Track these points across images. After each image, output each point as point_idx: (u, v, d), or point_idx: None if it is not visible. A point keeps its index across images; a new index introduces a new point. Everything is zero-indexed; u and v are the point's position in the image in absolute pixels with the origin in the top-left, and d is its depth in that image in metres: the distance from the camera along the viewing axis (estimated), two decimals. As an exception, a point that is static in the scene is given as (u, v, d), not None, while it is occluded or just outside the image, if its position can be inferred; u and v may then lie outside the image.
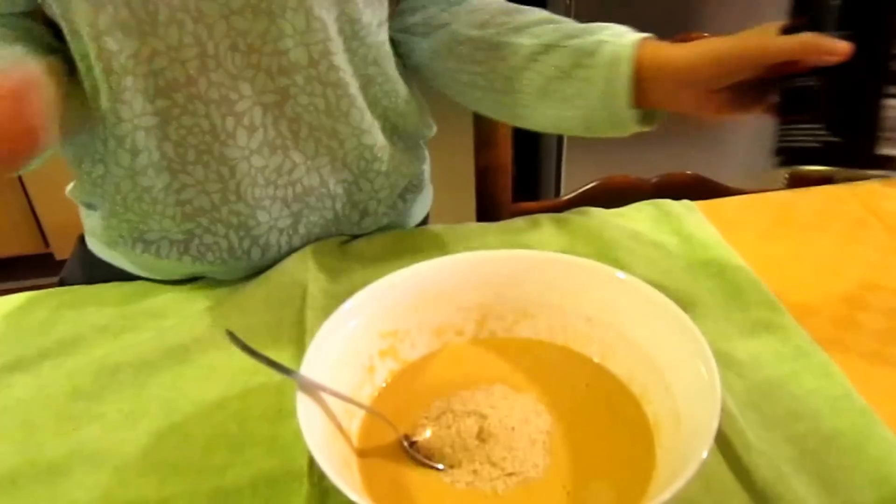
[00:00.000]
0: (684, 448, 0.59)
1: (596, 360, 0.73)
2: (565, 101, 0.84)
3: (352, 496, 0.52)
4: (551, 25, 0.87)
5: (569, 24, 0.87)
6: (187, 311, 0.86)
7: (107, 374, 0.79)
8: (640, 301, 0.70)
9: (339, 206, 0.97)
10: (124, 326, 0.85)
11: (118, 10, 0.76)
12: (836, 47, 0.69)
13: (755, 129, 2.04)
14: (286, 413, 0.73)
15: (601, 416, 0.68)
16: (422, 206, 1.12)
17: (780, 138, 0.76)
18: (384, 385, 0.71)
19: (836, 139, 0.73)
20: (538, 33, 0.86)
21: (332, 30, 0.85)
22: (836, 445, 0.69)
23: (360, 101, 0.92)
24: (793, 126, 0.75)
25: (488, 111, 0.95)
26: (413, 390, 0.71)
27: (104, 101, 0.82)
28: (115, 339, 0.84)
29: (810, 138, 0.74)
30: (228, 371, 0.79)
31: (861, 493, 0.65)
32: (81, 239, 1.05)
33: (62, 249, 2.41)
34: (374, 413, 0.67)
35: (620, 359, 0.71)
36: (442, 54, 0.93)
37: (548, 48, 0.85)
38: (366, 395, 0.69)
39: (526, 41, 0.86)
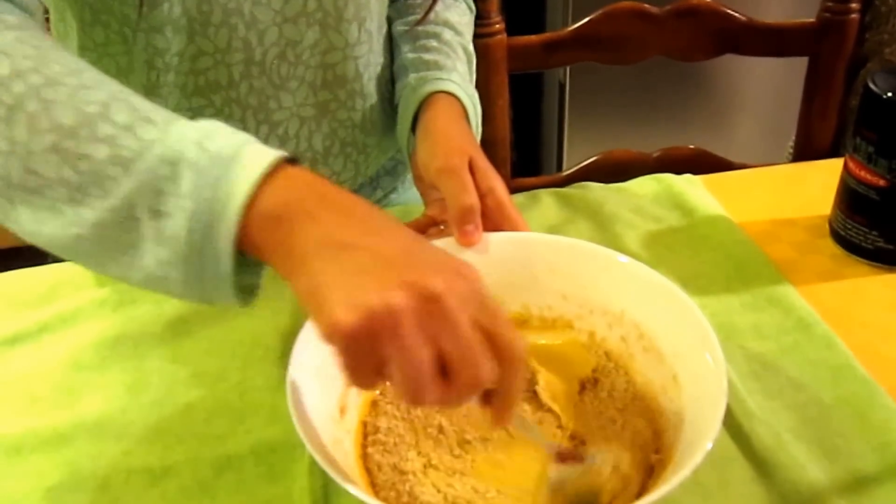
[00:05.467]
0: (689, 418, 0.59)
1: (582, 334, 0.72)
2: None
3: (350, 489, 0.51)
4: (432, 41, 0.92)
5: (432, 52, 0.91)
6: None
7: (107, 347, 0.79)
8: (627, 277, 0.69)
9: None
10: (122, 300, 0.85)
11: (172, 8, 0.75)
12: (463, 231, 0.71)
13: (759, 106, 2.04)
14: (285, 384, 0.73)
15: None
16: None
17: (840, 225, 0.88)
18: None
19: (886, 246, 0.84)
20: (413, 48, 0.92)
21: (376, 41, 0.87)
22: (837, 414, 0.69)
23: (387, 106, 0.94)
24: (853, 223, 0.86)
25: None
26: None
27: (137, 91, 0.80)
28: (113, 312, 0.83)
29: (864, 239, 0.85)
30: (229, 343, 0.79)
31: (862, 460, 0.65)
32: None
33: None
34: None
35: (607, 332, 0.71)
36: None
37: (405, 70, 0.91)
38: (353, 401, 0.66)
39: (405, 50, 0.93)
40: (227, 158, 0.52)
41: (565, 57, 1.23)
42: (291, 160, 0.55)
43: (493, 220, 0.74)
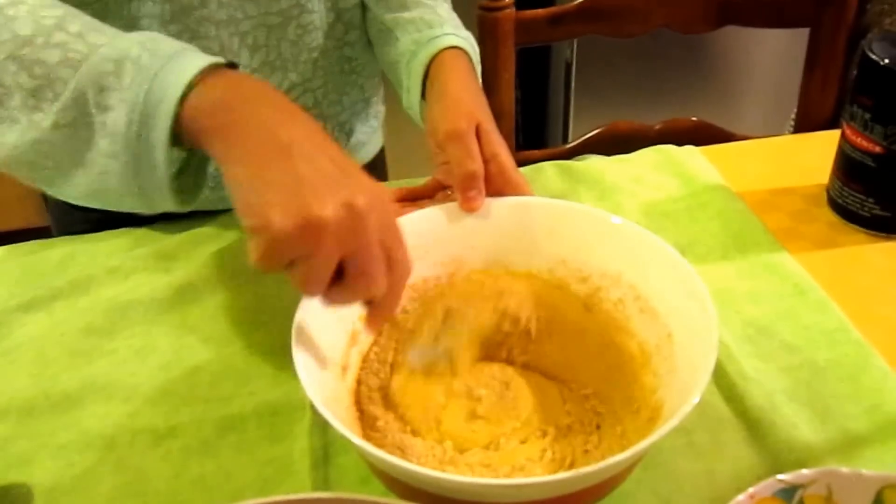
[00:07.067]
0: (682, 376, 0.60)
1: (579, 296, 0.73)
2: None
3: (355, 440, 0.52)
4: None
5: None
6: (196, 253, 0.88)
7: (118, 312, 0.81)
8: (604, 231, 0.70)
9: (329, 127, 1.00)
10: (135, 268, 0.86)
11: None
12: (466, 196, 0.73)
13: (761, 80, 2.04)
14: (290, 348, 0.75)
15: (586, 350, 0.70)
16: (380, 130, 1.14)
17: (837, 193, 0.88)
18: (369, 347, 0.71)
19: (883, 213, 0.85)
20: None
21: None
22: (830, 376, 0.70)
23: (348, 15, 0.95)
24: (849, 190, 0.86)
25: None
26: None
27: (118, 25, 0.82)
28: (125, 279, 0.85)
29: (861, 206, 0.86)
30: (235, 309, 0.81)
31: (855, 421, 0.66)
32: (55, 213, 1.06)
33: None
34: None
35: (603, 294, 0.71)
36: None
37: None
38: (354, 360, 0.69)
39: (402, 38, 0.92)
40: (169, 56, 0.58)
41: (570, 30, 1.23)
42: (232, 65, 0.59)
43: (496, 185, 0.75)
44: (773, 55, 1.97)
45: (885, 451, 0.64)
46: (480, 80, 0.91)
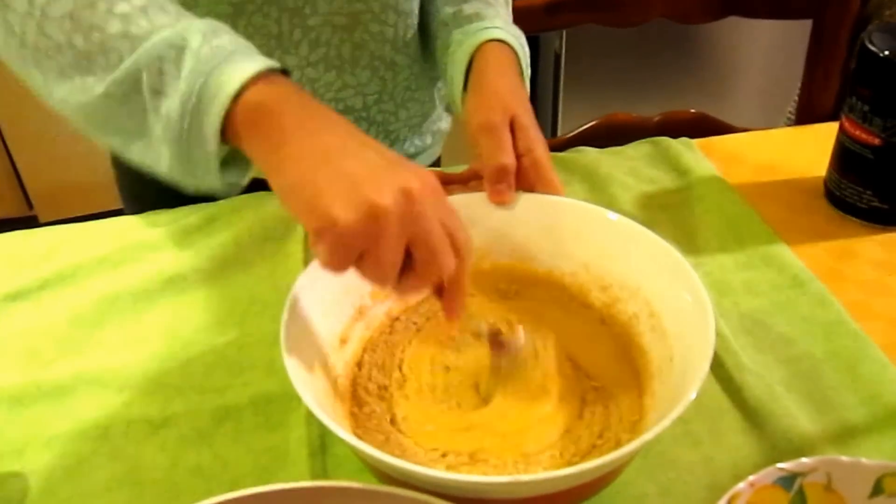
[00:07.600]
0: (677, 381, 0.59)
1: (598, 305, 0.72)
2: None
3: (341, 434, 0.52)
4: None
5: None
6: (185, 243, 0.87)
7: (106, 303, 0.80)
8: (629, 240, 0.69)
9: (374, 131, 0.99)
10: (123, 258, 0.86)
11: None
12: (495, 189, 0.73)
13: (756, 71, 2.04)
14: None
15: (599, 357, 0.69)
16: (437, 147, 1.13)
17: (835, 185, 0.88)
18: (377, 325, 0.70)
19: (881, 205, 0.85)
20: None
21: None
22: (828, 367, 0.70)
23: (418, 24, 0.94)
24: (847, 182, 0.86)
25: None
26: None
27: None
28: (113, 270, 0.84)
29: (859, 198, 0.86)
30: (227, 299, 0.80)
31: (853, 411, 0.66)
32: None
33: (46, 212, 2.36)
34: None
35: (621, 306, 0.70)
36: None
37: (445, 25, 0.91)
38: (357, 335, 0.69)
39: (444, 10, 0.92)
40: (228, 53, 0.58)
41: (567, 19, 1.22)
42: (285, 72, 0.60)
43: (529, 180, 0.74)
44: (765, 47, 1.97)
45: (882, 440, 0.64)
46: (528, 80, 0.89)
